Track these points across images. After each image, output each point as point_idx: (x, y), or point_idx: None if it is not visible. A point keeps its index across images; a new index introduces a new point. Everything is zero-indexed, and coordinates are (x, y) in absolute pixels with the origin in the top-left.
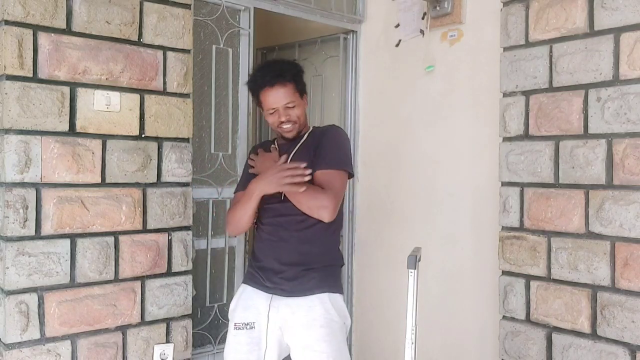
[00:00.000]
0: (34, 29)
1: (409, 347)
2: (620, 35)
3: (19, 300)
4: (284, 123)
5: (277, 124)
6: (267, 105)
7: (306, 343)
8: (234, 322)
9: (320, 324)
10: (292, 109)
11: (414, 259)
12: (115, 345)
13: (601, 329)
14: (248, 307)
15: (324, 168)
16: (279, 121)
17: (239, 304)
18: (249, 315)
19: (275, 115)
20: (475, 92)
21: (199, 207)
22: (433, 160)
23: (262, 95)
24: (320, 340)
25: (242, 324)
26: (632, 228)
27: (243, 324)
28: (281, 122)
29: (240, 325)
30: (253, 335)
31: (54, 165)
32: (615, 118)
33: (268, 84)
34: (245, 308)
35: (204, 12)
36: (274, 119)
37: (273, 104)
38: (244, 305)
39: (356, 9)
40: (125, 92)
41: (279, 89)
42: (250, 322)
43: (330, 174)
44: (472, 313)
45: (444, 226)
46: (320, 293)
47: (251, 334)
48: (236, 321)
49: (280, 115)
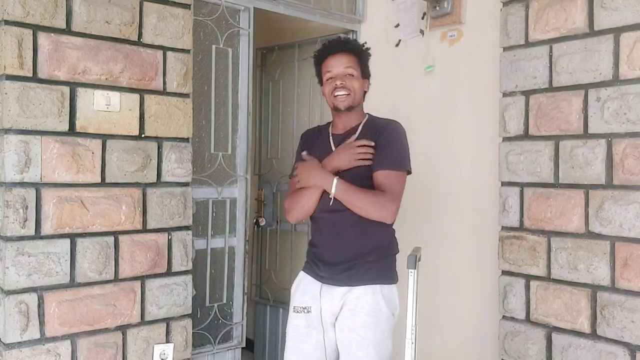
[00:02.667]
0: (33, 28)
1: (409, 347)
2: (620, 35)
3: (18, 300)
4: (338, 89)
5: (331, 91)
6: (326, 69)
7: (352, 327)
8: (294, 305)
9: (368, 312)
10: (351, 79)
11: (414, 259)
12: (115, 345)
13: (601, 329)
14: (306, 292)
15: (386, 168)
16: (334, 86)
17: (298, 289)
18: (306, 300)
19: (331, 82)
20: (475, 92)
21: (198, 207)
22: (433, 160)
23: (325, 62)
24: (366, 327)
25: (300, 308)
26: (632, 228)
27: (301, 308)
28: (336, 87)
29: (299, 308)
30: (311, 318)
31: (53, 165)
32: (615, 118)
33: (333, 50)
34: (303, 293)
35: (204, 12)
36: (330, 87)
37: (333, 68)
38: (303, 290)
39: (356, 9)
40: (125, 92)
41: (342, 56)
42: (307, 306)
43: (391, 175)
44: (472, 313)
45: (444, 226)
46: (373, 284)
47: (309, 317)
48: (295, 304)
49: (336, 80)
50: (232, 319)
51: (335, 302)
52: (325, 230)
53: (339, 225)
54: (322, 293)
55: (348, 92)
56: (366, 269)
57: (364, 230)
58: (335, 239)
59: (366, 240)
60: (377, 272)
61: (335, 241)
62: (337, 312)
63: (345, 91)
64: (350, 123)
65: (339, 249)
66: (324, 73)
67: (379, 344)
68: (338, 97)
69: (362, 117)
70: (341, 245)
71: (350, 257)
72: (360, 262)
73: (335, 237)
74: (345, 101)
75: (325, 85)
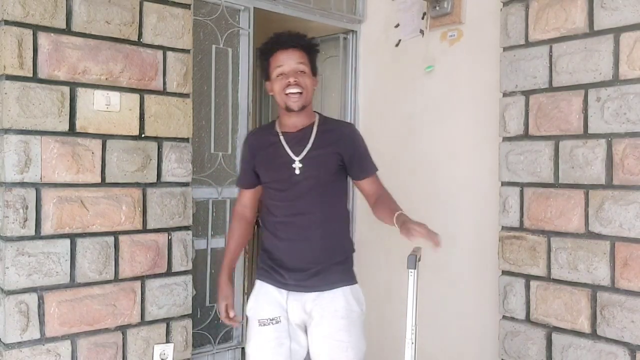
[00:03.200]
0: (33, 28)
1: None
2: (620, 35)
3: (18, 300)
4: (291, 86)
5: (283, 88)
6: (275, 65)
7: (327, 332)
8: (258, 318)
9: (341, 315)
10: (303, 76)
11: (414, 259)
12: (115, 345)
13: (601, 329)
14: (270, 303)
15: (371, 174)
16: (286, 84)
17: (259, 300)
18: (272, 310)
19: (282, 79)
20: (475, 92)
21: (198, 207)
22: (433, 160)
23: (273, 57)
24: (342, 330)
25: (268, 320)
26: (632, 228)
27: (269, 320)
28: (288, 85)
29: (266, 320)
30: (280, 329)
31: (53, 165)
32: (615, 118)
33: (283, 45)
34: (268, 303)
35: (204, 12)
36: (281, 84)
37: (284, 63)
38: (267, 300)
39: (356, 9)
40: (125, 92)
41: (294, 51)
42: (275, 316)
43: (376, 178)
44: (472, 313)
45: (444, 226)
46: (343, 286)
47: (278, 328)
48: (260, 317)
49: (288, 77)
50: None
51: (305, 308)
52: (287, 235)
53: (305, 228)
54: (289, 301)
55: (301, 91)
56: (334, 271)
57: (329, 231)
58: (298, 243)
59: (331, 241)
60: (345, 274)
61: (299, 244)
62: (306, 319)
63: (299, 89)
64: (301, 122)
65: (305, 253)
66: (273, 68)
67: (356, 345)
68: (291, 95)
69: (312, 116)
70: (306, 248)
71: (317, 260)
72: (328, 264)
73: (300, 241)
74: (299, 101)
75: (274, 82)
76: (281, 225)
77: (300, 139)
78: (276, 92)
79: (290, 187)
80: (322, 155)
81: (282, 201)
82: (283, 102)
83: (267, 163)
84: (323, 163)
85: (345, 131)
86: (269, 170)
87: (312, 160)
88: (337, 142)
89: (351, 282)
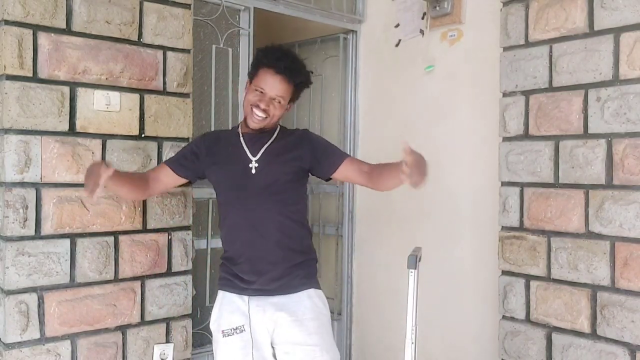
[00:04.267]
0: (33, 28)
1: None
2: (620, 35)
3: (18, 300)
4: (259, 109)
5: (252, 104)
6: (258, 83)
7: (296, 339)
8: (222, 329)
9: (311, 317)
10: (276, 106)
11: (414, 259)
12: (115, 345)
13: (601, 329)
14: (233, 312)
15: (343, 159)
16: (257, 103)
17: (222, 311)
18: (236, 320)
19: (257, 96)
20: (475, 92)
21: (199, 207)
22: (433, 160)
23: (263, 71)
24: (313, 333)
25: (231, 330)
26: (632, 228)
27: (232, 330)
28: (257, 105)
29: (229, 331)
30: (245, 338)
31: (53, 165)
32: (615, 118)
33: (277, 68)
34: (230, 312)
35: (204, 12)
36: (254, 99)
37: (265, 87)
38: (229, 310)
39: (356, 9)
40: (125, 92)
41: (282, 81)
42: (239, 325)
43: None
44: (472, 313)
45: (444, 226)
46: (308, 289)
47: (243, 337)
48: (224, 328)
49: (262, 101)
50: None
51: (268, 315)
52: (244, 235)
53: (260, 227)
54: (251, 308)
55: (266, 116)
56: (296, 274)
57: (286, 232)
58: (254, 243)
59: (289, 241)
60: (308, 277)
61: (255, 244)
62: (271, 328)
63: (264, 115)
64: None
65: (262, 252)
66: (256, 81)
67: (330, 347)
68: (255, 115)
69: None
70: (263, 247)
71: (275, 260)
72: (288, 266)
73: (255, 240)
74: (260, 123)
75: (250, 91)
76: (236, 226)
77: (259, 140)
78: (246, 99)
79: (245, 186)
80: (280, 156)
81: (237, 200)
82: (247, 113)
83: (222, 160)
84: (280, 164)
85: (300, 133)
86: (224, 168)
87: (269, 160)
88: (295, 145)
89: (316, 286)
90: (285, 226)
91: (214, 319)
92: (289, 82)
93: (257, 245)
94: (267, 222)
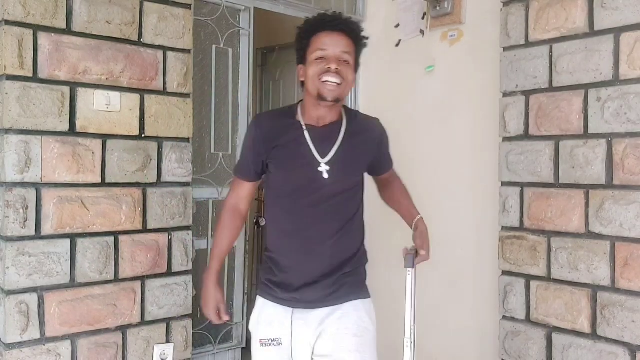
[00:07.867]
0: (34, 29)
1: (407, 347)
2: (620, 35)
3: (19, 300)
4: (331, 74)
5: (320, 74)
6: (316, 47)
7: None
8: (259, 338)
9: (354, 332)
10: (346, 67)
11: (412, 258)
12: (115, 345)
13: (601, 329)
14: (272, 322)
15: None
16: (325, 69)
17: (261, 320)
18: (274, 331)
19: (321, 64)
20: (475, 92)
21: (199, 207)
22: (433, 160)
23: (316, 38)
24: (353, 350)
25: (268, 340)
26: (632, 228)
27: (269, 340)
28: (328, 71)
29: (267, 341)
30: (282, 352)
31: (54, 165)
32: (615, 118)
33: (330, 27)
34: (269, 323)
35: (204, 12)
36: (318, 69)
37: (328, 47)
38: (267, 320)
39: (356, 9)
40: (126, 92)
41: (341, 37)
42: (277, 337)
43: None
44: (472, 313)
45: (444, 226)
46: (354, 300)
47: (280, 350)
48: (262, 337)
49: (331, 62)
50: (232, 319)
51: (312, 328)
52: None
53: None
54: (294, 322)
55: (340, 82)
56: (343, 283)
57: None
58: (306, 257)
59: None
60: (356, 286)
61: (308, 259)
62: (313, 342)
63: (339, 79)
64: (329, 117)
65: (313, 266)
66: (312, 50)
67: None
68: (328, 83)
69: (340, 111)
70: (315, 262)
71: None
72: (338, 277)
73: (308, 255)
74: (336, 91)
75: (311, 65)
76: (291, 233)
77: (327, 137)
78: (310, 77)
79: (313, 193)
80: (351, 158)
81: (300, 208)
82: (316, 89)
83: (288, 163)
84: (351, 167)
85: (375, 135)
86: (291, 173)
87: (340, 163)
88: (366, 144)
89: (363, 296)
90: (341, 236)
91: (253, 323)
92: (347, 36)
93: (312, 256)
94: (323, 233)
